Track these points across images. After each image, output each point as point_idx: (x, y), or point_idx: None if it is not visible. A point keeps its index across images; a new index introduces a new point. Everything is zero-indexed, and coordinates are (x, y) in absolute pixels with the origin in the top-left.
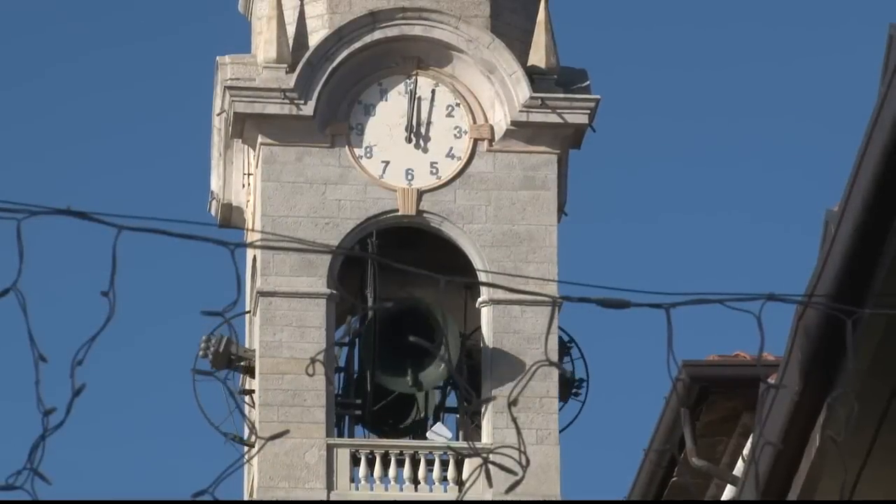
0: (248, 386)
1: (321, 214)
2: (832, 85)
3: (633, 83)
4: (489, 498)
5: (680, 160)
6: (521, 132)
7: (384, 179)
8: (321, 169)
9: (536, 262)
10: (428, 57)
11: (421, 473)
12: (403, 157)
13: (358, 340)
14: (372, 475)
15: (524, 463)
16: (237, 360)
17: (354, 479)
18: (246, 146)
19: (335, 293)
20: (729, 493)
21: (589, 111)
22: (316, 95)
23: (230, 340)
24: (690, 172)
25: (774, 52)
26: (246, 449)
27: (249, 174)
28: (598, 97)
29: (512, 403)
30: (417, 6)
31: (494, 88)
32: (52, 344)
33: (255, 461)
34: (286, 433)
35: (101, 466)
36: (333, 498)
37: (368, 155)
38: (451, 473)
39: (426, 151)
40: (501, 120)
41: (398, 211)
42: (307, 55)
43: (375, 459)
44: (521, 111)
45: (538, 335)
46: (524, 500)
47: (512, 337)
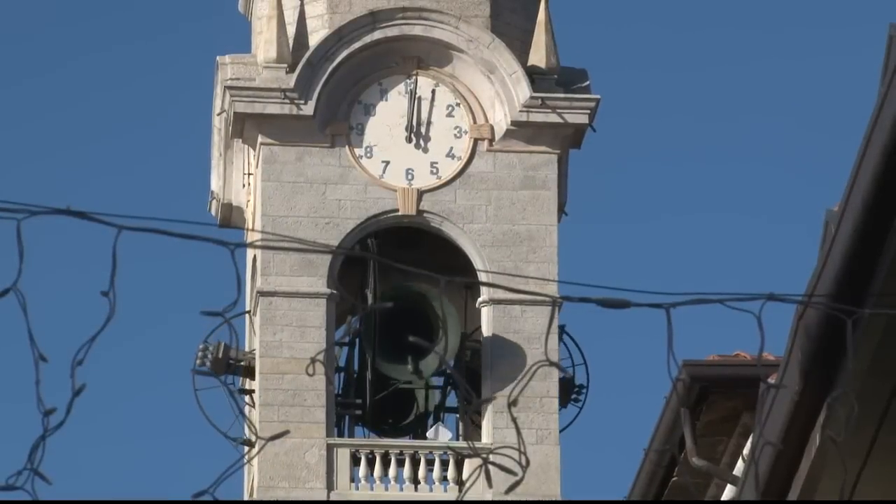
0: (247, 386)
1: (321, 214)
2: (832, 85)
3: (633, 83)
4: (489, 498)
5: (680, 160)
6: (521, 132)
7: (384, 179)
8: (321, 169)
9: (537, 261)
10: (428, 57)
11: (421, 473)
12: (403, 156)
13: (359, 330)
14: (372, 475)
15: (524, 463)
16: (236, 362)
17: (354, 478)
18: (246, 146)
19: (335, 293)
20: (729, 492)
21: (589, 111)
22: (316, 95)
23: (227, 346)
24: (690, 172)
25: (774, 52)
26: (246, 449)
27: (249, 174)
28: (598, 97)
29: (512, 403)
30: (417, 6)
31: (494, 88)
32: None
33: (255, 461)
34: (286, 433)
35: (101, 466)
36: (333, 498)
37: (368, 155)
38: (451, 473)
39: (426, 151)
40: (501, 120)
41: (398, 211)
42: (307, 55)
43: (375, 459)
44: (521, 111)
45: (538, 335)
46: (524, 500)
47: (512, 337)
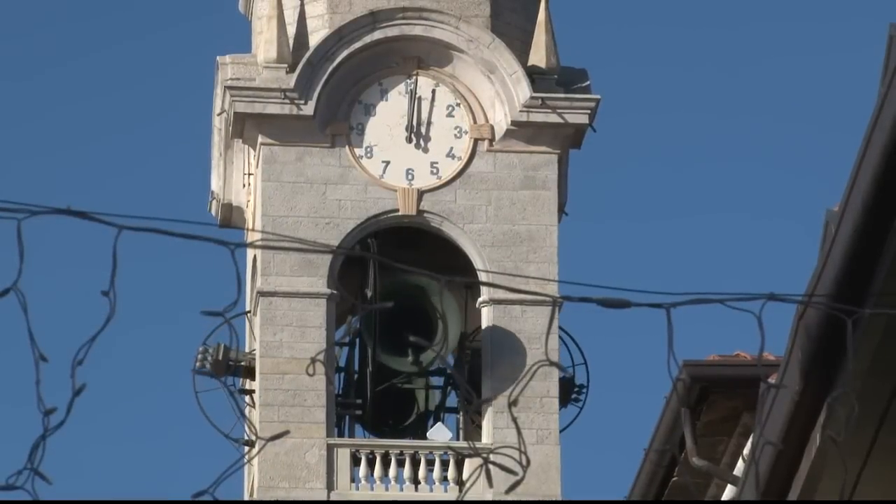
0: (247, 386)
1: (321, 214)
2: (832, 85)
3: (633, 83)
4: (489, 498)
5: (680, 160)
6: (521, 132)
7: (384, 179)
8: (321, 169)
9: (537, 261)
10: (428, 57)
11: (421, 473)
12: (404, 156)
13: (359, 330)
14: (372, 475)
15: (524, 463)
16: (236, 363)
17: (355, 478)
18: (246, 146)
19: (335, 293)
20: (729, 492)
21: (589, 111)
22: (316, 95)
23: (227, 348)
24: (690, 172)
25: (774, 52)
26: (246, 449)
27: (250, 174)
28: (598, 97)
29: (512, 403)
30: (418, 6)
31: (495, 88)
32: (52, 344)
33: (255, 461)
34: (286, 433)
35: (101, 466)
36: (334, 498)
37: (369, 155)
38: (451, 473)
39: (426, 151)
40: (502, 120)
41: (398, 211)
42: (307, 55)
43: (376, 459)
44: (521, 111)
45: (538, 335)
46: (524, 500)
47: (512, 337)
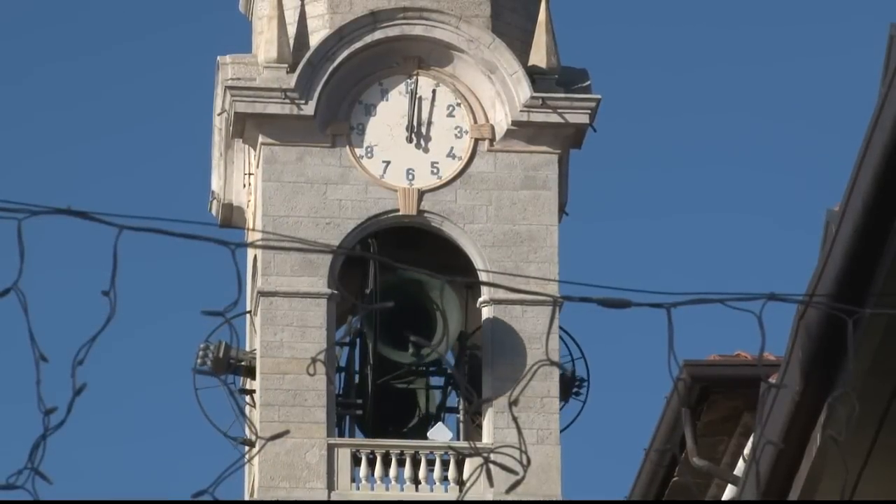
0: (248, 386)
1: (322, 214)
2: (832, 85)
3: (633, 83)
4: (490, 498)
5: (680, 160)
6: (521, 132)
7: (385, 179)
8: (322, 169)
9: (537, 261)
10: (429, 57)
11: (422, 473)
12: (404, 156)
13: (359, 330)
14: (373, 475)
15: (525, 463)
16: (237, 362)
17: (355, 478)
18: (247, 146)
19: (336, 293)
20: (730, 492)
21: (590, 111)
22: (317, 95)
23: (228, 346)
24: (691, 172)
25: (774, 52)
26: (246, 449)
27: (250, 174)
28: (598, 97)
29: (513, 403)
30: (418, 6)
31: (495, 88)
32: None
33: (255, 461)
34: (287, 433)
35: (101, 466)
36: (334, 498)
37: (369, 155)
38: (451, 473)
39: (427, 151)
40: (502, 120)
41: (399, 211)
42: (308, 55)
43: (376, 459)
44: (521, 111)
45: (539, 335)
46: (525, 500)
47: (513, 337)
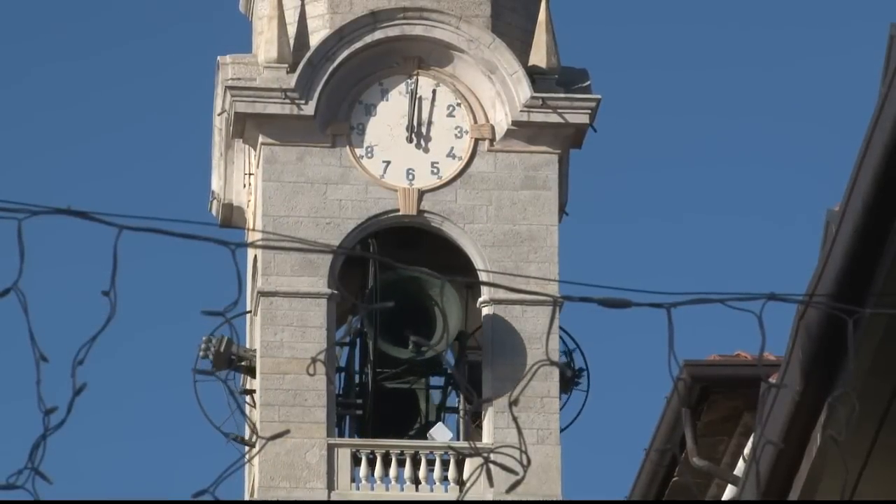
0: (248, 386)
1: (322, 214)
2: (832, 85)
3: (633, 83)
4: (490, 498)
5: (680, 160)
6: (522, 132)
7: (385, 179)
8: (322, 169)
9: (537, 261)
10: (429, 57)
11: (422, 473)
12: (404, 156)
13: (359, 330)
14: (373, 475)
15: (525, 463)
16: (238, 360)
17: (355, 478)
18: (247, 146)
19: (336, 293)
20: (730, 492)
21: (590, 111)
22: (317, 95)
23: (230, 341)
24: (691, 172)
25: (774, 52)
26: (246, 449)
27: (250, 174)
28: (598, 97)
29: (513, 403)
30: (418, 6)
31: (495, 88)
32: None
33: (255, 461)
34: (287, 433)
35: (101, 466)
36: (334, 498)
37: (369, 155)
38: (451, 473)
39: (427, 151)
40: (502, 120)
41: (399, 211)
42: (308, 55)
43: (376, 459)
44: (521, 111)
45: (539, 335)
46: (525, 499)
47: (513, 337)
